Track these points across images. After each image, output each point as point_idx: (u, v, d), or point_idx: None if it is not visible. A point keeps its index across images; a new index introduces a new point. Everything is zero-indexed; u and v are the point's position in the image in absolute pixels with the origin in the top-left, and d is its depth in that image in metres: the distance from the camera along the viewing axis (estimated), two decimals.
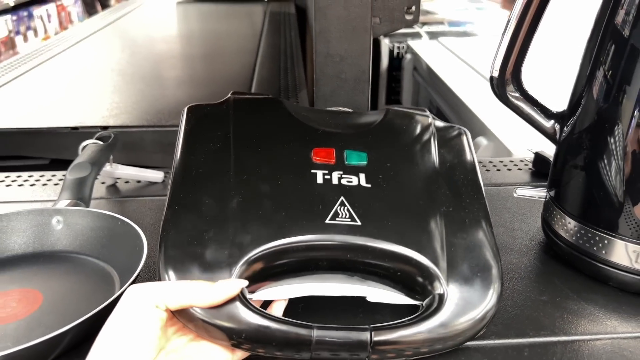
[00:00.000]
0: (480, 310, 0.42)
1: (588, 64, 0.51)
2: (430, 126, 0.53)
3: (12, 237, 0.55)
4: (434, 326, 0.40)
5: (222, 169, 0.46)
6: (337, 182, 0.46)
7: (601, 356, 0.43)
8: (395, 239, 0.43)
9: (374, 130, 0.52)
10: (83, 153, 0.67)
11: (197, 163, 0.47)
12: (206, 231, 0.43)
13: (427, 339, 0.40)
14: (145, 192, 0.72)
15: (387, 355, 0.40)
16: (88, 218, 0.56)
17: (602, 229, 0.50)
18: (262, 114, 0.52)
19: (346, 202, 0.45)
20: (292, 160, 0.47)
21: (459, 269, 0.43)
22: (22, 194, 0.71)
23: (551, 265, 0.55)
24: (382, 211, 0.45)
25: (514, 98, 0.56)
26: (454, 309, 0.41)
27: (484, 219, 0.47)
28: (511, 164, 0.79)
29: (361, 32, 0.79)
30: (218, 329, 0.39)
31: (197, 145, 0.49)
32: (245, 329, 0.38)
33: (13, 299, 0.49)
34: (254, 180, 0.46)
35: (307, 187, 0.45)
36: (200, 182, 0.45)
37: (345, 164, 0.47)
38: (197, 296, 0.38)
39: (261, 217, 0.43)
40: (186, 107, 0.53)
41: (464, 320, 0.41)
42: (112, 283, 0.51)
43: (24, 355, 0.39)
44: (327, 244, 0.43)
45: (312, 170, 0.46)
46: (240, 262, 0.41)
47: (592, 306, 0.49)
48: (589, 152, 0.51)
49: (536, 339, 0.45)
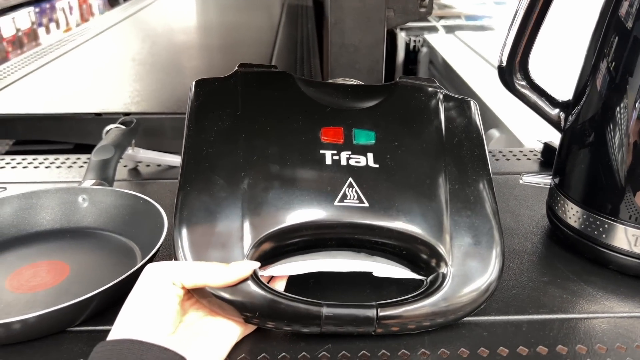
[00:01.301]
0: (480, 286, 0.44)
1: (593, 54, 0.52)
2: (439, 100, 0.53)
3: (40, 213, 0.59)
4: (437, 302, 0.43)
5: (232, 149, 0.47)
6: (346, 163, 0.47)
7: (597, 333, 0.45)
8: (401, 219, 0.45)
9: (383, 105, 0.52)
10: (107, 136, 0.70)
11: (207, 142, 0.47)
12: (219, 212, 0.44)
13: (429, 313, 0.43)
14: (165, 175, 0.75)
15: (392, 330, 0.43)
16: (112, 197, 0.59)
17: (603, 214, 0.51)
18: (270, 90, 0.52)
19: (354, 183, 0.46)
20: (301, 139, 0.48)
21: (462, 247, 0.45)
22: (49, 175, 0.75)
23: (554, 250, 0.57)
24: (389, 192, 0.46)
25: (521, 87, 0.58)
26: (456, 286, 0.43)
27: (488, 195, 0.48)
28: (520, 154, 0.81)
29: (375, 23, 0.81)
30: (231, 306, 0.41)
31: (206, 123, 0.49)
32: (257, 306, 0.41)
33: (42, 270, 0.52)
34: (264, 161, 0.47)
35: (316, 169, 0.46)
36: (210, 163, 0.46)
37: (353, 143, 0.48)
38: (212, 277, 0.40)
39: (271, 199, 0.45)
40: (194, 82, 0.52)
41: (464, 297, 0.43)
42: (134, 257, 0.54)
43: (55, 317, 0.42)
44: (336, 223, 0.45)
45: (321, 150, 0.47)
46: (252, 243, 0.43)
47: (591, 287, 0.51)
48: (591, 140, 0.52)
49: (535, 316, 0.47)
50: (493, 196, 0.48)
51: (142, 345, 0.35)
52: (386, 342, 0.43)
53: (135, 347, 0.35)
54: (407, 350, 0.43)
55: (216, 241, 0.43)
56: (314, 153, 0.47)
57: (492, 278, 0.44)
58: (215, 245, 0.43)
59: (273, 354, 0.42)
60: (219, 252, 0.43)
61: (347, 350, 0.43)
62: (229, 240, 0.43)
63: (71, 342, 0.44)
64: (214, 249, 0.43)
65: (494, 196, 0.48)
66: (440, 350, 0.43)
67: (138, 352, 0.35)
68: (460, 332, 0.45)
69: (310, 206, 0.45)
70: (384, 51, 0.84)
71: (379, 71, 0.85)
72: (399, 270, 0.46)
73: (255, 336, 0.44)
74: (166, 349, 0.35)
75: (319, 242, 0.47)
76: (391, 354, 0.42)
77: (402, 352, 0.43)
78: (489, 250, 0.45)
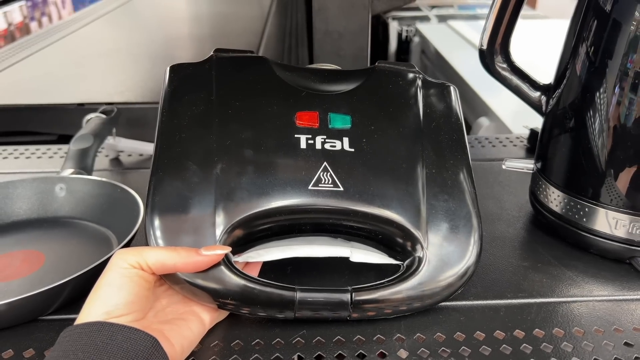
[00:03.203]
0: (457, 271, 0.43)
1: (573, 36, 0.52)
2: (417, 85, 0.52)
3: (17, 203, 0.58)
4: (413, 286, 0.42)
5: (205, 134, 0.46)
6: (321, 147, 0.46)
7: (574, 317, 0.44)
8: (376, 203, 0.45)
9: (360, 90, 0.51)
10: (86, 125, 0.69)
11: (180, 127, 0.46)
12: (191, 198, 0.43)
13: (405, 298, 0.42)
14: (147, 164, 0.74)
15: (367, 314, 0.42)
16: (89, 185, 0.58)
17: (584, 198, 0.51)
18: (245, 75, 0.51)
19: (329, 167, 0.45)
20: (276, 124, 0.47)
21: (439, 231, 0.44)
22: (29, 166, 0.74)
23: (536, 235, 0.56)
24: (364, 176, 0.46)
25: (502, 69, 0.57)
26: (432, 271, 0.43)
27: (466, 179, 0.47)
28: (506, 141, 0.80)
29: (360, 8, 0.80)
30: (204, 292, 0.41)
31: (180, 108, 0.48)
32: (230, 291, 0.40)
33: (17, 259, 0.51)
34: (238, 146, 0.46)
35: (291, 153, 0.46)
36: (183, 148, 0.46)
37: (329, 127, 0.48)
38: (181, 261, 0.39)
39: (245, 183, 0.44)
40: (169, 67, 0.51)
41: (441, 281, 0.43)
42: (110, 245, 0.53)
43: (26, 305, 0.42)
44: (310, 208, 0.45)
45: (296, 135, 0.47)
46: (225, 229, 0.42)
47: (572, 271, 0.50)
48: (572, 123, 0.52)
49: (513, 300, 0.46)
50: (472, 181, 0.47)
51: (112, 327, 0.34)
52: (362, 327, 0.43)
53: (105, 328, 0.34)
54: (382, 335, 0.42)
55: (188, 227, 0.43)
56: (288, 137, 0.47)
57: (470, 262, 0.44)
58: (187, 231, 0.42)
59: (247, 341, 0.42)
60: (191, 237, 0.42)
61: (321, 336, 0.42)
62: (201, 225, 0.43)
63: (42, 331, 0.43)
64: (186, 235, 0.42)
65: (473, 181, 0.48)
66: (417, 335, 0.42)
67: (108, 333, 0.34)
68: (437, 317, 0.44)
69: (284, 191, 0.44)
70: (369, 38, 0.83)
71: (364, 58, 0.84)
72: (376, 255, 0.46)
73: (229, 322, 0.44)
74: (137, 329, 0.35)
75: (294, 227, 0.46)
76: (366, 339, 0.42)
77: (378, 337, 0.42)
78: (466, 234, 0.45)
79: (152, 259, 0.38)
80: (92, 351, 0.33)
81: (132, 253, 0.38)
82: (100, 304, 0.36)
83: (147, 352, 0.34)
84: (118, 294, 0.37)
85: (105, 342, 0.34)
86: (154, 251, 0.39)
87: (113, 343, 0.34)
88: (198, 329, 0.40)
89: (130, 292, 0.37)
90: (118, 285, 0.37)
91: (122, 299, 0.37)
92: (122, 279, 0.37)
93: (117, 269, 0.38)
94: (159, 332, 0.37)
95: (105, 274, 0.38)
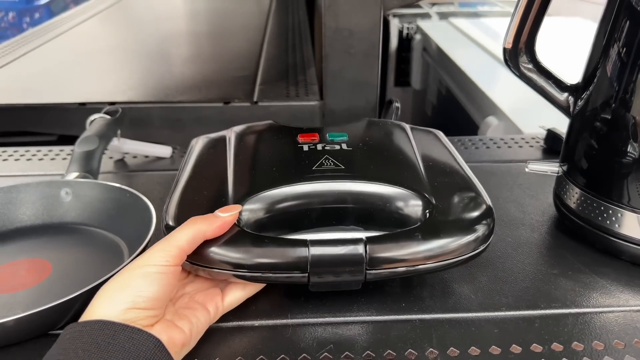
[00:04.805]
0: (471, 226, 0.43)
1: (603, 36, 0.50)
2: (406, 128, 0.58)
3: (21, 208, 0.55)
4: (426, 233, 0.41)
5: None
6: (322, 149, 0.51)
7: (613, 328, 0.42)
8: (377, 174, 0.47)
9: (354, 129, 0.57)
10: (91, 127, 0.67)
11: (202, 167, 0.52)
12: (205, 190, 0.47)
13: (421, 251, 0.41)
14: (153, 166, 0.72)
15: (383, 267, 0.40)
16: (96, 190, 0.56)
17: (616, 202, 0.49)
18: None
19: (330, 157, 0.49)
20: (281, 142, 0.54)
21: (442, 188, 0.47)
22: (30, 168, 0.71)
23: (562, 240, 0.54)
24: (363, 160, 0.50)
25: (527, 70, 0.55)
26: (444, 220, 0.43)
27: (462, 170, 0.51)
28: (522, 141, 0.78)
29: (371, 5, 0.78)
30: (222, 261, 0.40)
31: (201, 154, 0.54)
32: (245, 250, 0.40)
33: (22, 268, 0.49)
34: (247, 157, 0.51)
35: (295, 153, 0.51)
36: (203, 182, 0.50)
37: (328, 139, 0.53)
38: (210, 228, 0.39)
39: (253, 175, 0.48)
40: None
41: (455, 232, 0.42)
42: (120, 254, 0.51)
43: (35, 320, 0.39)
44: (316, 193, 0.46)
45: (299, 145, 0.52)
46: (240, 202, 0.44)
47: (604, 279, 0.48)
48: (603, 124, 0.50)
49: (547, 310, 0.44)
50: (468, 173, 0.51)
51: (114, 326, 0.33)
52: (391, 340, 0.41)
53: (108, 327, 0.33)
54: (413, 349, 0.40)
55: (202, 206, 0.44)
56: (292, 145, 0.52)
57: (486, 221, 0.44)
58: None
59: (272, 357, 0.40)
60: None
61: (349, 351, 0.40)
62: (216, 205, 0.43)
63: None
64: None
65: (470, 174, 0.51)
66: (450, 349, 0.40)
67: (110, 332, 0.33)
68: (469, 329, 0.42)
69: (289, 175, 0.47)
70: (380, 35, 0.81)
71: (375, 56, 0.82)
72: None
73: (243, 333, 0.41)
74: (140, 329, 0.34)
75: (304, 214, 0.46)
76: (397, 354, 0.40)
77: (409, 351, 0.40)
78: (471, 191, 0.47)
79: (183, 239, 0.38)
80: (93, 350, 0.32)
81: (168, 248, 0.38)
82: (129, 294, 0.35)
83: (149, 352, 0.33)
84: (149, 288, 0.36)
85: (107, 341, 0.32)
86: (181, 233, 0.39)
87: (115, 342, 0.32)
88: (205, 318, 0.40)
89: (161, 288, 0.36)
90: (152, 280, 0.36)
91: (152, 294, 0.36)
92: (158, 275, 0.36)
93: (155, 265, 0.37)
94: (169, 322, 0.37)
95: (139, 267, 0.36)
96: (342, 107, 0.88)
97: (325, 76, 0.85)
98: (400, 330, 0.42)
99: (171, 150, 0.75)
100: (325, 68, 0.84)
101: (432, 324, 0.43)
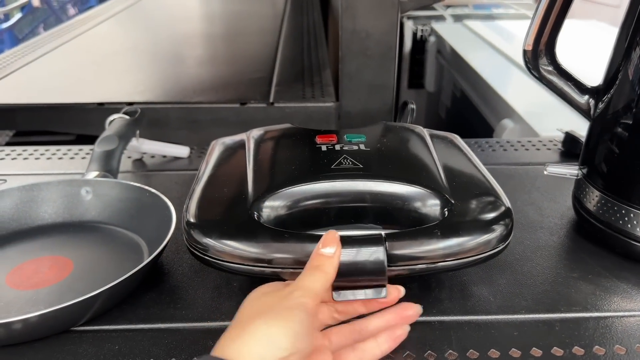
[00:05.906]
0: (489, 225, 0.43)
1: (625, 39, 0.49)
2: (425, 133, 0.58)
3: (42, 206, 0.56)
4: (445, 229, 0.42)
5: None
6: (340, 149, 0.51)
7: (635, 332, 0.42)
8: (395, 173, 0.48)
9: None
10: (110, 127, 0.67)
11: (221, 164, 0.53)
12: (225, 188, 0.48)
13: (440, 247, 0.41)
14: (171, 166, 0.72)
15: (403, 264, 0.41)
16: (116, 189, 0.56)
17: (637, 205, 0.49)
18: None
19: (349, 157, 0.50)
20: (299, 143, 0.54)
21: (460, 187, 0.47)
22: (50, 167, 0.72)
23: (582, 244, 0.54)
24: (381, 160, 0.50)
25: (547, 72, 0.55)
26: (466, 223, 0.43)
27: (480, 172, 0.51)
28: (540, 144, 0.78)
29: (388, 8, 0.78)
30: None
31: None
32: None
33: (45, 266, 0.49)
34: (266, 158, 0.52)
35: (313, 153, 0.51)
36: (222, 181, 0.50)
37: (346, 140, 0.54)
38: (333, 271, 0.37)
39: (273, 173, 0.49)
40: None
41: (475, 232, 0.42)
42: (140, 253, 0.51)
43: (58, 316, 0.40)
44: (335, 192, 0.47)
45: (317, 146, 0.53)
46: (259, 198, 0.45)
47: (625, 284, 0.48)
48: (624, 127, 0.49)
49: (568, 314, 0.44)
50: (484, 171, 0.51)
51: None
52: (410, 340, 0.41)
53: None
54: (433, 351, 0.40)
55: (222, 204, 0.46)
56: (310, 145, 0.53)
57: (504, 221, 0.44)
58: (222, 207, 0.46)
59: None
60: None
61: None
62: (236, 200, 0.46)
63: (75, 343, 0.41)
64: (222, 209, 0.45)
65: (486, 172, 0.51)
66: (469, 351, 0.40)
67: None
68: (489, 332, 0.42)
69: (309, 173, 0.48)
70: (397, 37, 0.81)
71: (392, 58, 0.82)
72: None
73: None
74: None
75: (323, 212, 0.46)
76: (417, 355, 0.40)
77: (429, 353, 0.40)
78: (489, 192, 0.47)
79: (319, 286, 0.36)
80: None
81: (310, 293, 0.35)
82: (284, 336, 0.32)
83: None
84: (299, 330, 0.33)
85: None
86: (313, 278, 0.37)
87: None
88: None
89: (308, 328, 0.34)
90: (299, 321, 0.34)
91: (300, 337, 0.33)
92: (307, 317, 0.34)
93: (305, 307, 0.34)
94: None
95: (289, 312, 0.34)
96: (357, 108, 0.88)
97: (342, 78, 0.85)
98: (420, 331, 0.42)
99: (189, 151, 0.75)
100: (342, 70, 0.84)
101: (452, 326, 0.43)
